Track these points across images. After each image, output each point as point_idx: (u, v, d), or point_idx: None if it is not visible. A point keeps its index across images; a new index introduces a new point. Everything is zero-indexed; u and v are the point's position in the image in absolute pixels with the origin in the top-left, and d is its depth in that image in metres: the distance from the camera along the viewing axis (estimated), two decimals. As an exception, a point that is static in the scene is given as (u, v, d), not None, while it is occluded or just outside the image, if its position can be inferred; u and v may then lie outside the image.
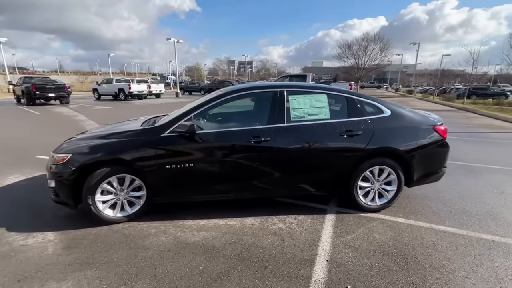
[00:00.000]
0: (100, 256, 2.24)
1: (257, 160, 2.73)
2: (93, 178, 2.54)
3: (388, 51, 29.49)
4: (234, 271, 2.07)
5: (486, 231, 2.66)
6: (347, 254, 2.29)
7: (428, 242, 2.48)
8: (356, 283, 1.96)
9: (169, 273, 2.05)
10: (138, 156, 2.58)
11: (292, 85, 3.01)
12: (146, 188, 2.74)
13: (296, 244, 2.43)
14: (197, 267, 2.12)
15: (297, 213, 2.98)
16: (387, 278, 2.01)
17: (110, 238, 2.50)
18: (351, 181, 2.88)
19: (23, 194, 3.48)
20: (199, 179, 2.72)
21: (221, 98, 2.80)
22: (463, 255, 2.29)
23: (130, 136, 2.70)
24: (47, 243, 2.41)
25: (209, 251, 2.33)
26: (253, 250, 2.34)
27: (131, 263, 2.16)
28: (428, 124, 3.00)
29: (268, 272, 2.07)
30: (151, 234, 2.58)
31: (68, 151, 2.62)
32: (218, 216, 2.90)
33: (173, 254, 2.28)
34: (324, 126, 2.81)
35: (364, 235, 2.57)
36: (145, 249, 2.34)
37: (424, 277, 2.02)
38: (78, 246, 2.37)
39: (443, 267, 2.14)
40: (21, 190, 3.62)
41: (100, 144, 2.64)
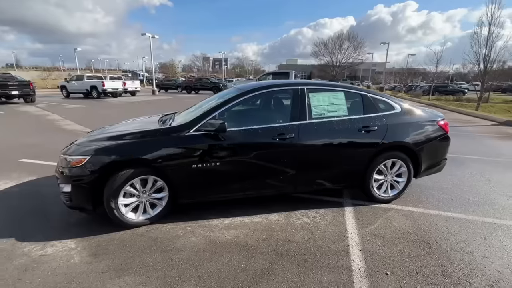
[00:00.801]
0: (134, 261, 2.15)
1: (282, 156, 2.77)
2: (117, 181, 2.42)
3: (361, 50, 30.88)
4: (276, 266, 2.11)
5: (487, 215, 2.96)
6: (376, 243, 2.43)
7: (442, 227, 2.70)
8: (393, 269, 2.09)
9: (212, 273, 2.04)
10: (162, 156, 2.50)
11: (311, 83, 3.09)
12: (168, 189, 2.66)
13: (326, 237, 2.52)
14: (238, 265, 2.12)
15: (316, 207, 3.08)
16: (418, 263, 2.17)
17: (137, 242, 2.41)
18: (367, 175, 3.03)
19: (20, 200, 3.20)
20: (225, 177, 2.70)
21: (243, 96, 2.80)
22: (474, 237, 2.54)
23: (152, 135, 2.60)
24: (70, 252, 2.26)
25: (245, 248, 2.34)
26: (287, 245, 2.39)
27: (170, 266, 2.11)
28: (433, 119, 3.25)
29: (310, 265, 2.13)
30: (179, 235, 2.52)
31: (85, 153, 2.46)
32: (242, 214, 2.91)
33: (210, 254, 2.25)
34: (343, 122, 2.92)
35: (385, 225, 2.73)
36: (179, 251, 2.29)
37: (449, 259, 2.21)
38: (106, 253, 2.25)
39: (462, 249, 2.35)
40: (17, 196, 3.32)
41: (121, 145, 2.51)
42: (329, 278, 1.99)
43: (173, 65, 63.19)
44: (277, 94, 2.99)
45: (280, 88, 2.95)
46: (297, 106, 2.85)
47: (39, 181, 3.82)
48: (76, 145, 2.64)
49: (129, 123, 3.33)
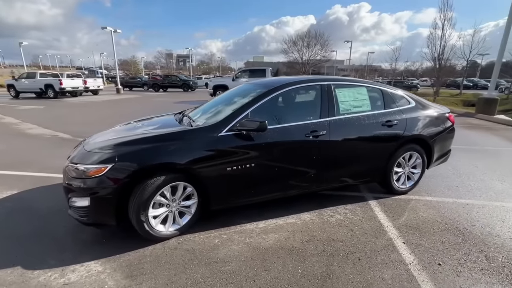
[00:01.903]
0: (180, 279, 1.92)
1: (314, 154, 2.70)
2: (147, 190, 2.13)
3: (327, 48, 32.15)
4: (334, 268, 2.04)
5: (493, 200, 3.22)
6: (415, 235, 2.48)
7: (463, 214, 2.87)
8: (442, 259, 2.16)
9: (272, 281, 1.90)
10: (195, 160, 2.27)
11: (336, 79, 3.05)
12: (198, 195, 2.44)
13: (366, 233, 2.52)
14: (295, 271, 2.01)
15: (342, 203, 3.08)
16: (461, 250, 2.26)
17: (174, 257, 2.16)
18: (388, 168, 3.11)
19: (11, 221, 2.70)
20: (259, 178, 2.55)
21: (274, 92, 2.66)
22: (494, 221, 2.73)
23: (182, 138, 2.35)
24: (99, 276, 1.95)
25: (293, 252, 2.23)
26: (334, 244, 2.34)
27: (223, 280, 1.92)
28: (443, 112, 3.43)
29: (365, 263, 2.10)
30: (217, 245, 2.32)
31: (106, 161, 2.13)
32: (272, 216, 2.78)
33: (260, 262, 2.11)
34: (369, 117, 2.94)
35: (413, 216, 2.82)
36: (226, 262, 2.10)
37: (485, 244, 2.34)
38: (143, 273, 1.98)
39: (490, 233, 2.52)
40: (4, 216, 2.79)
41: (148, 149, 2.22)
42: (389, 275, 1.98)
43: (135, 61, 59.23)
44: (305, 90, 2.90)
45: (308, 84, 2.86)
46: (326, 102, 2.79)
47: (22, 195, 3.27)
48: (90, 152, 2.28)
49: (138, 126, 2.99)
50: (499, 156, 5.13)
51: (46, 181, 3.67)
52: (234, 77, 14.63)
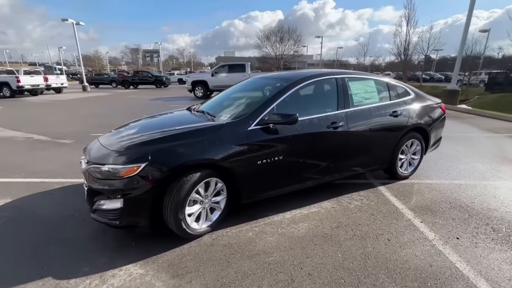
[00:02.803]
0: (229, 274, 1.92)
1: (334, 145, 2.82)
2: (184, 187, 2.08)
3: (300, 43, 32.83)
4: (369, 249, 2.18)
5: (481, 179, 3.60)
6: (428, 214, 2.72)
7: (462, 193, 3.18)
8: (458, 233, 2.40)
9: (318, 267, 1.98)
10: (228, 155, 2.25)
11: (348, 72, 3.17)
12: (227, 190, 2.43)
13: (386, 215, 2.70)
14: (336, 255, 2.11)
15: (355, 191, 3.25)
16: (471, 224, 2.53)
17: (214, 253, 2.15)
18: (394, 155, 3.34)
19: (18, 229, 2.46)
20: (286, 170, 2.61)
21: (296, 86, 2.70)
22: (488, 197, 3.07)
23: (214, 133, 2.30)
24: (143, 278, 1.88)
25: (328, 238, 2.33)
26: (361, 228, 2.48)
27: (271, 270, 1.96)
28: (436, 102, 3.74)
29: (395, 243, 2.27)
30: (252, 238, 2.35)
31: (138, 160, 2.03)
32: (295, 207, 2.86)
33: (301, 250, 2.18)
34: (378, 108, 3.12)
35: (421, 198, 3.08)
36: (267, 254, 2.14)
37: (488, 217, 2.65)
38: (189, 271, 1.95)
39: (488, 208, 2.84)
40: (10, 227, 2.53)
41: (181, 146, 2.15)
42: (419, 251, 2.16)
43: (99, 57, 55.03)
44: (322, 83, 2.97)
45: (325, 77, 2.94)
46: (342, 95, 2.91)
47: (19, 203, 2.99)
48: (117, 151, 2.15)
49: (156, 123, 2.87)
50: (473, 141, 5.72)
51: (41, 187, 3.38)
52: (213, 73, 14.37)
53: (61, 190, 3.34)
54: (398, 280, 1.86)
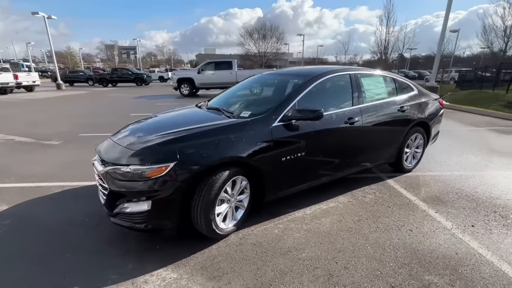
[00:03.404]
0: (267, 273, 1.89)
1: (351, 139, 2.86)
2: (214, 187, 2.02)
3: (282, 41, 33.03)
4: (395, 240, 2.24)
5: (477, 170, 3.82)
6: (440, 205, 2.84)
7: (464, 184, 3.35)
8: (472, 221, 2.53)
9: (352, 260, 2.00)
10: (254, 152, 2.20)
11: (359, 69, 3.22)
12: (250, 188, 2.39)
13: (402, 207, 2.79)
14: (365, 248, 2.15)
15: (366, 185, 3.32)
16: (481, 212, 2.68)
17: (245, 252, 2.11)
18: (401, 149, 3.45)
19: (23, 237, 2.26)
20: (307, 166, 2.60)
21: (314, 82, 2.69)
22: (488, 186, 3.26)
23: (240, 130, 2.24)
24: (178, 282, 1.80)
25: (353, 232, 2.37)
26: (382, 220, 2.54)
27: (307, 266, 1.95)
28: (435, 98, 3.91)
29: (417, 233, 2.34)
30: (279, 235, 2.33)
31: (166, 159, 1.94)
32: (313, 202, 2.87)
33: (330, 245, 2.19)
34: (388, 104, 3.21)
35: (429, 189, 3.21)
36: (299, 250, 2.13)
37: (494, 205, 2.81)
38: (224, 272, 1.90)
39: (491, 196, 3.02)
40: (17, 230, 2.32)
41: (209, 144, 2.07)
42: (442, 240, 2.25)
43: (71, 53, 51.75)
44: (338, 79, 2.97)
45: (340, 73, 2.96)
46: (356, 91, 2.95)
47: (17, 209, 2.75)
48: (140, 151, 2.04)
49: (172, 120, 2.77)
50: (460, 135, 6.06)
51: (39, 192, 3.14)
52: (199, 70, 14.08)
53: (62, 194, 3.13)
54: (430, 268, 1.92)
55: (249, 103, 2.94)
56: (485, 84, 15.86)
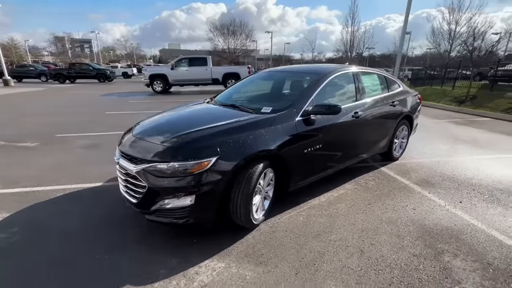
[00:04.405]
0: (306, 255, 2.06)
1: (356, 132, 3.15)
2: (252, 179, 2.12)
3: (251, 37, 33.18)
4: (404, 219, 2.56)
5: (449, 156, 4.41)
6: (430, 187, 3.27)
7: (450, 168, 3.86)
8: (458, 198, 2.97)
9: (376, 237, 2.27)
10: (282, 145, 2.34)
11: (358, 67, 3.50)
12: (275, 179, 2.54)
13: (401, 190, 3.15)
14: (383, 227, 2.43)
15: (365, 173, 3.66)
16: (464, 191, 3.15)
17: (280, 238, 2.26)
18: (392, 140, 3.86)
19: (46, 241, 2.14)
20: (323, 158, 2.82)
21: (327, 79, 2.90)
22: (472, 170, 3.80)
23: (270, 124, 2.35)
24: (228, 270, 1.89)
25: (368, 214, 2.64)
26: (388, 202, 2.86)
27: (340, 246, 2.17)
28: (416, 94, 4.40)
29: (420, 211, 2.70)
30: (305, 221, 2.52)
31: (207, 154, 1.99)
32: (324, 191, 3.10)
33: (352, 226, 2.43)
34: (382, 99, 3.56)
35: (419, 174, 3.64)
36: (326, 233, 2.34)
37: (471, 184, 3.31)
38: (269, 257, 2.03)
39: (467, 177, 3.54)
40: (33, 236, 2.17)
41: (247, 137, 2.16)
42: (441, 215, 2.63)
43: (16, 45, 45.64)
44: (344, 76, 3.20)
45: (346, 70, 3.20)
46: (358, 87, 3.24)
47: (22, 216, 2.56)
48: (179, 147, 2.06)
49: (192, 116, 2.80)
50: (427, 127, 6.81)
51: (37, 197, 2.93)
52: (173, 66, 13.64)
53: (65, 198, 2.95)
54: (439, 239, 2.27)
55: (264, 99, 3.06)
56: (435, 81, 17.78)
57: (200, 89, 16.54)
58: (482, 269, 1.93)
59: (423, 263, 1.98)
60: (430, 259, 2.02)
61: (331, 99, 2.93)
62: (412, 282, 1.80)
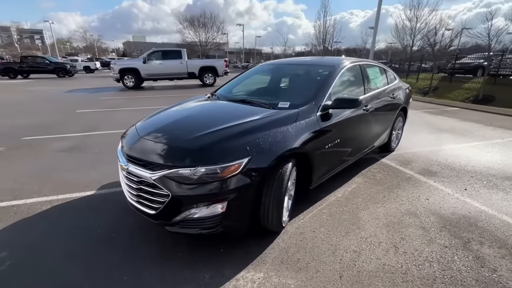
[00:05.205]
0: (344, 255, 1.99)
1: (366, 124, 3.13)
2: (285, 179, 1.98)
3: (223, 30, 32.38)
4: (421, 209, 2.60)
5: (439, 145, 4.64)
6: (432, 175, 3.38)
7: (438, 157, 4.04)
8: (463, 186, 3.10)
9: (404, 229, 2.26)
10: (308, 142, 2.21)
11: (362, 60, 3.47)
12: (296, 177, 2.42)
13: (408, 181, 3.22)
14: (405, 218, 2.44)
15: (368, 165, 3.69)
16: (464, 178, 3.30)
17: (310, 240, 2.15)
18: (391, 131, 3.94)
19: (44, 262, 1.81)
20: (340, 153, 2.76)
21: (339, 72, 2.81)
22: (453, 157, 4.02)
23: (292, 121, 2.19)
24: (269, 280, 1.74)
25: (388, 207, 2.64)
26: (401, 193, 2.90)
27: (369, 242, 2.13)
28: (407, 86, 4.53)
29: (433, 200, 2.77)
30: (330, 219, 2.44)
31: (238, 156, 1.80)
32: (337, 186, 3.06)
33: (377, 221, 2.41)
34: (385, 91, 3.59)
35: (416, 164, 3.76)
36: (355, 230, 2.28)
37: (467, 171, 3.49)
38: (307, 262, 1.91)
39: (462, 164, 3.73)
40: (25, 258, 1.82)
41: (277, 135, 2.00)
42: (453, 204, 2.71)
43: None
44: (352, 68, 3.13)
45: (354, 63, 3.14)
46: (366, 80, 3.22)
47: (5, 234, 2.16)
48: (203, 149, 1.84)
49: (209, 113, 2.58)
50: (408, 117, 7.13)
51: (22, 212, 2.52)
52: (145, 59, 12.78)
53: (55, 211, 2.56)
54: (461, 227, 2.33)
55: (276, 93, 2.91)
56: (400, 74, 18.86)
57: (174, 83, 15.80)
58: (510, 255, 2.00)
59: (456, 254, 2.01)
60: (461, 249, 2.06)
61: (343, 92, 2.86)
62: (454, 274, 1.81)
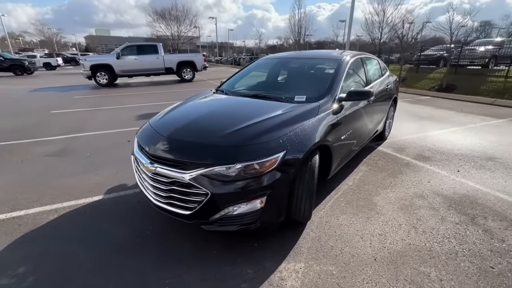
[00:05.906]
0: (370, 240, 2.11)
1: (370, 115, 3.28)
2: (314, 172, 2.04)
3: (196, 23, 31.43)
4: (427, 191, 2.82)
5: (425, 131, 4.99)
6: (426, 160, 3.65)
7: (427, 142, 4.35)
8: (457, 168, 3.39)
9: (418, 210, 2.44)
10: (329, 134, 2.29)
11: (361, 53, 3.60)
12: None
13: (407, 166, 3.45)
14: (415, 201, 2.63)
15: (368, 154, 3.88)
16: (454, 160, 3.60)
17: (337, 228, 2.25)
18: (386, 120, 4.16)
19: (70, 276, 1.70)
20: (352, 143, 2.87)
21: (347, 65, 2.91)
22: (440, 142, 4.36)
23: (315, 114, 2.23)
24: (310, 269, 1.80)
25: (398, 191, 2.82)
26: (405, 178, 3.11)
27: (392, 226, 2.27)
28: (395, 77, 4.79)
29: (434, 182, 3.00)
30: (349, 206, 2.55)
31: (274, 150, 1.82)
32: (346, 175, 3.19)
33: (392, 205, 2.57)
34: (382, 82, 3.78)
35: (411, 151, 4.02)
36: (375, 215, 2.42)
37: (455, 154, 3.82)
38: (341, 249, 2.00)
39: (448, 149, 4.06)
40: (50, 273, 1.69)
41: (301, 129, 2.03)
42: (452, 184, 2.97)
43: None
44: (355, 62, 3.22)
45: (357, 56, 3.25)
46: (367, 72, 3.36)
47: (13, 253, 1.99)
48: (239, 145, 1.83)
49: (227, 108, 2.56)
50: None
51: (32, 222, 2.33)
52: (118, 55, 12.06)
53: (65, 219, 2.40)
54: (465, 205, 2.56)
55: (289, 87, 2.93)
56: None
57: (150, 80, 15.15)
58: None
59: (467, 229, 2.22)
60: (470, 225, 2.27)
61: (351, 85, 2.97)
62: (471, 248, 2.00)
